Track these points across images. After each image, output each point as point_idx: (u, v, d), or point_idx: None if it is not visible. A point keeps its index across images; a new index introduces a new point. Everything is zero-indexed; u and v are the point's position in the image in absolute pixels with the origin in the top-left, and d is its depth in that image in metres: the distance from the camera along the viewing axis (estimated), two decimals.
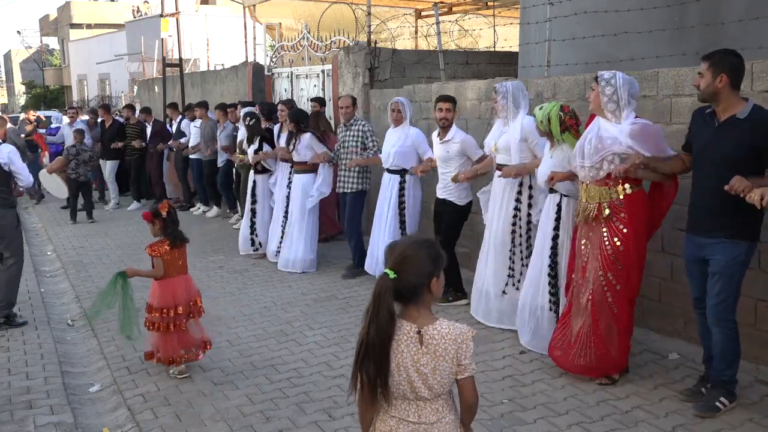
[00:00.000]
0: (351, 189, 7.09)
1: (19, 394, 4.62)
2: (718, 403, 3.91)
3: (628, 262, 4.23)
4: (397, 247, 2.31)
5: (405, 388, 2.27)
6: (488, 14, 12.04)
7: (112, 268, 8.01)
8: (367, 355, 2.25)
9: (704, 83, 3.83)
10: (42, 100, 39.61)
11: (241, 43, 13.79)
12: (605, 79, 4.24)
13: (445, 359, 2.26)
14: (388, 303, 2.22)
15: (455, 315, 5.72)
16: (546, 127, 4.78)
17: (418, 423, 2.30)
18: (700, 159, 3.95)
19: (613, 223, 4.24)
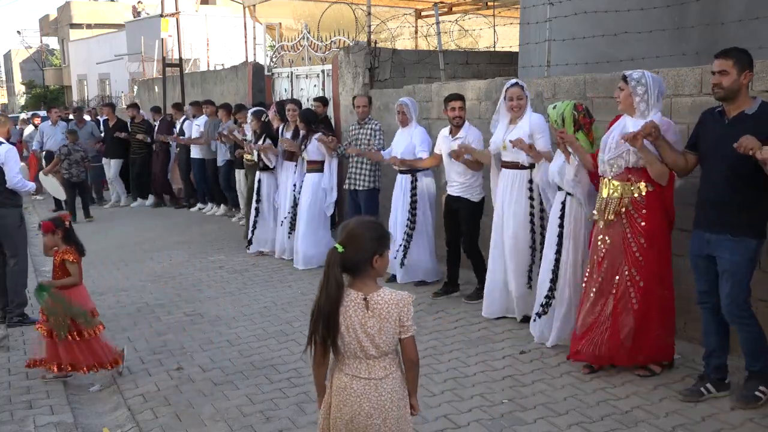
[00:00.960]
0: (363, 186, 7.16)
1: (19, 394, 4.62)
2: (758, 392, 3.93)
3: (650, 258, 4.28)
4: (348, 226, 2.65)
5: (355, 347, 2.60)
6: (488, 14, 12.04)
7: (112, 268, 8.03)
8: (319, 318, 2.59)
9: (729, 80, 3.79)
10: (42, 100, 39.58)
11: (241, 43, 13.79)
12: (635, 78, 4.24)
13: (388, 321, 2.60)
14: (336, 274, 2.56)
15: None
16: (560, 126, 4.78)
17: (368, 378, 2.63)
18: (710, 156, 3.96)
19: (635, 219, 4.28)
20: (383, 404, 2.65)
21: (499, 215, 5.56)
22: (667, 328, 4.44)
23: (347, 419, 2.65)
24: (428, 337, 5.32)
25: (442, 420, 3.98)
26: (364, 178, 7.16)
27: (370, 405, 2.63)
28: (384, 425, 2.65)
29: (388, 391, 2.65)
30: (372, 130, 7.19)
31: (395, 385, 2.68)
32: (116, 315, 6.31)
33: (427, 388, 4.41)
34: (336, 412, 2.68)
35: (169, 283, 7.28)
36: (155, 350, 5.37)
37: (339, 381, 2.66)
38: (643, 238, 4.28)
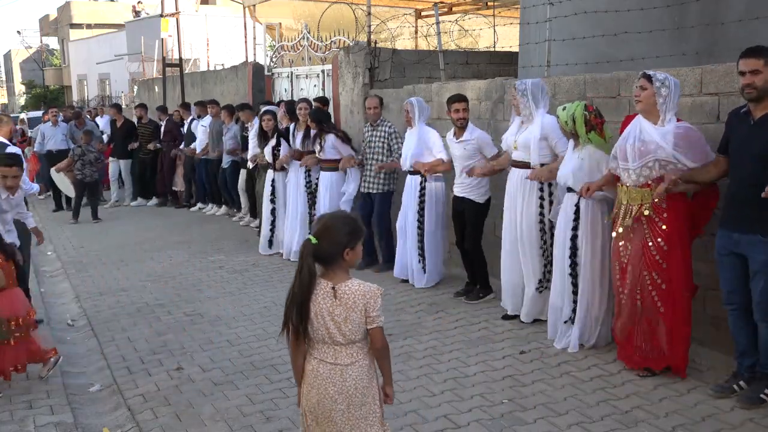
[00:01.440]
0: (378, 190, 7.19)
1: (19, 394, 4.62)
2: (763, 395, 3.92)
3: (671, 261, 4.26)
4: (323, 219, 2.84)
5: (323, 333, 2.75)
6: (488, 14, 12.04)
7: (112, 268, 8.03)
8: (292, 305, 2.75)
9: (762, 79, 3.72)
10: (42, 100, 39.58)
11: (241, 43, 13.79)
12: (660, 79, 4.22)
13: (354, 310, 2.75)
14: (309, 263, 2.72)
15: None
16: (571, 127, 4.77)
17: (334, 364, 2.77)
18: (738, 156, 3.94)
19: (656, 223, 4.26)
20: (347, 390, 2.76)
21: (511, 215, 5.52)
22: (689, 329, 4.40)
23: (314, 402, 2.79)
24: (428, 337, 5.32)
25: (442, 420, 3.98)
26: (379, 182, 7.18)
27: (335, 389, 2.76)
28: (348, 411, 2.77)
29: (353, 377, 2.77)
30: (386, 133, 7.13)
31: (361, 373, 2.79)
32: (116, 315, 6.31)
33: (427, 388, 4.40)
34: (306, 395, 2.83)
35: (169, 283, 7.28)
36: (155, 350, 5.37)
37: (308, 365, 2.82)
38: (663, 241, 4.26)
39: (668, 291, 4.29)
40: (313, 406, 2.79)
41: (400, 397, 4.28)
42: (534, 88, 5.31)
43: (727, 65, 4.55)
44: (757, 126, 3.82)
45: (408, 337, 5.35)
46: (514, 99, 5.42)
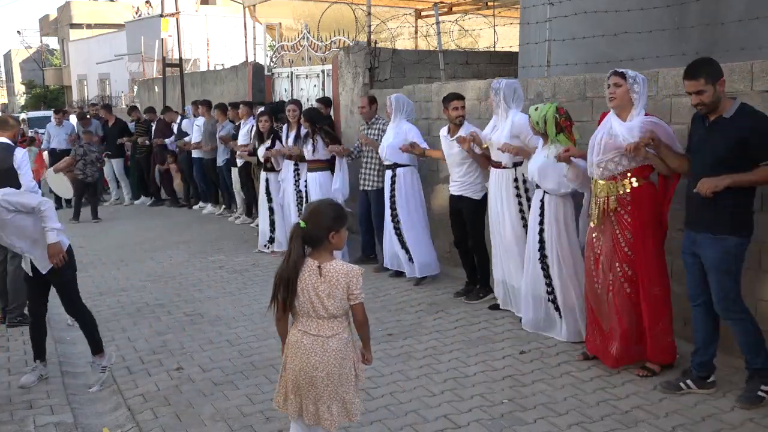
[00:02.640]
0: (372, 186, 7.28)
1: (19, 394, 4.62)
2: (761, 392, 3.97)
3: (639, 253, 4.37)
4: (311, 206, 3.18)
5: (308, 307, 3.04)
6: (488, 14, 12.04)
7: (112, 268, 8.03)
8: (281, 281, 3.07)
9: (709, 96, 3.88)
10: (42, 100, 39.60)
11: (241, 43, 13.79)
12: (632, 76, 4.34)
13: (337, 287, 3.02)
14: (298, 245, 3.04)
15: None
16: (542, 128, 4.94)
17: (317, 335, 3.05)
18: (694, 158, 4.10)
19: (622, 215, 4.39)
20: (328, 360, 3.04)
21: (494, 214, 5.67)
22: (666, 324, 4.48)
23: (297, 370, 3.07)
24: (428, 337, 5.32)
25: (442, 420, 3.98)
26: (373, 179, 7.27)
27: (316, 359, 3.04)
28: (327, 379, 3.05)
29: (333, 349, 3.05)
30: (380, 130, 7.21)
31: (341, 345, 3.07)
32: (116, 315, 6.31)
33: (427, 388, 4.40)
34: (289, 363, 3.12)
35: (169, 283, 7.28)
36: (155, 350, 5.37)
37: (293, 335, 3.11)
38: (630, 234, 4.38)
39: (640, 282, 4.39)
40: (296, 373, 3.08)
41: (400, 397, 4.29)
42: (507, 88, 5.48)
43: (727, 65, 4.55)
44: (710, 129, 3.97)
45: (408, 337, 5.35)
46: (490, 98, 5.61)
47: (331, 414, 3.08)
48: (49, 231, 4.57)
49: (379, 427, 3.93)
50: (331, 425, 3.09)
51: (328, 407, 3.08)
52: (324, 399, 3.08)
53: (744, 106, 3.92)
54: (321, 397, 3.07)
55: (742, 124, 3.83)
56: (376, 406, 4.19)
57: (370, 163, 7.28)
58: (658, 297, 4.43)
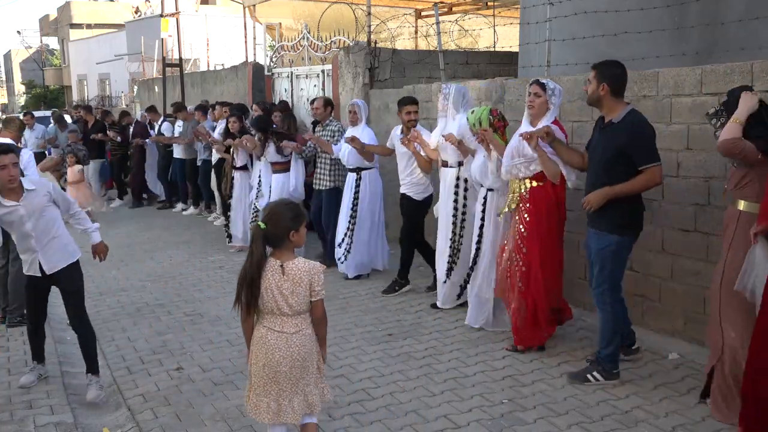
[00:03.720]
0: (325, 186, 7.47)
1: (19, 394, 4.62)
2: (591, 376, 4.37)
3: (531, 248, 4.80)
4: (269, 207, 3.27)
5: (272, 305, 3.14)
6: (488, 14, 12.04)
7: (112, 268, 8.03)
8: (244, 282, 3.15)
9: (591, 90, 4.26)
10: (42, 100, 39.60)
11: (241, 43, 13.79)
12: (551, 88, 4.78)
13: (300, 285, 3.14)
14: (259, 246, 3.14)
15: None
16: (478, 129, 5.26)
17: (281, 332, 3.16)
18: (589, 159, 4.45)
19: (521, 212, 4.86)
20: (291, 354, 3.16)
21: (438, 211, 6.02)
22: (546, 310, 4.87)
23: (261, 365, 3.18)
24: (428, 337, 5.32)
25: (442, 420, 3.98)
26: (326, 178, 7.44)
27: (280, 354, 3.15)
28: (290, 372, 3.17)
29: (296, 344, 3.17)
30: (332, 131, 7.44)
31: (304, 340, 3.19)
32: (116, 315, 6.31)
33: (427, 388, 4.40)
34: (254, 359, 3.22)
35: (169, 283, 7.28)
36: (155, 350, 5.37)
37: (258, 332, 3.21)
38: (524, 228, 4.83)
39: (528, 273, 4.81)
40: (260, 369, 3.18)
41: (400, 397, 4.29)
42: (456, 93, 5.83)
43: (727, 65, 4.56)
44: (601, 133, 4.30)
45: (408, 337, 5.35)
46: (439, 101, 5.93)
47: (293, 408, 3.19)
48: (93, 232, 4.86)
49: (379, 427, 3.93)
50: (294, 419, 3.20)
51: (290, 401, 3.19)
52: (286, 394, 3.19)
53: (632, 112, 4.17)
54: (283, 392, 3.19)
55: (625, 128, 4.11)
56: (376, 406, 4.19)
57: (323, 164, 7.45)
58: (546, 282, 4.82)
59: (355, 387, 4.48)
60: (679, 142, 4.85)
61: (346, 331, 5.54)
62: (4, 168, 4.29)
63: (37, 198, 4.44)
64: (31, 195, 4.42)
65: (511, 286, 4.95)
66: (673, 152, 4.86)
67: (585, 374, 4.38)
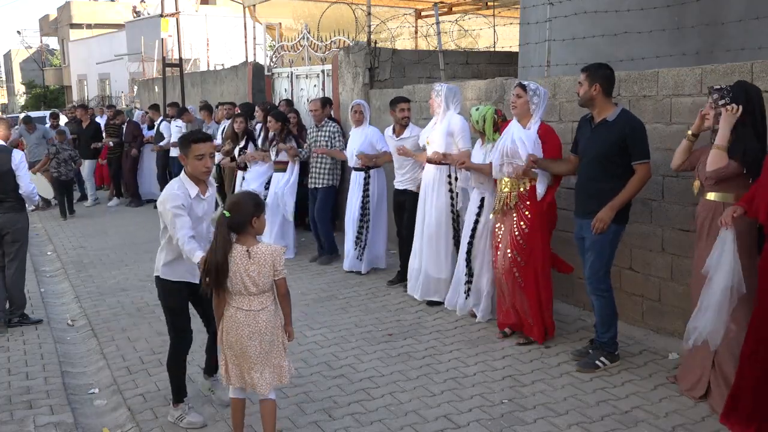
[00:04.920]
0: (322, 184, 7.63)
1: (19, 394, 4.62)
2: (598, 361, 4.56)
3: (531, 243, 4.96)
4: (233, 197, 3.59)
5: (240, 287, 3.47)
6: (488, 14, 12.03)
7: (111, 268, 8.03)
8: (212, 267, 3.43)
9: (582, 91, 4.48)
10: (42, 100, 39.59)
11: (241, 43, 13.78)
12: (532, 89, 4.94)
13: (265, 266, 3.46)
14: (225, 232, 3.44)
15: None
16: (481, 126, 5.44)
17: (249, 310, 3.49)
18: (582, 155, 4.64)
19: (521, 209, 4.98)
20: (259, 330, 3.49)
21: (421, 206, 6.13)
22: (546, 304, 5.05)
23: (232, 341, 3.52)
24: (428, 337, 5.32)
25: (442, 420, 3.98)
26: (324, 177, 7.62)
27: (249, 330, 3.49)
28: (259, 347, 3.50)
29: (263, 320, 3.50)
30: (330, 132, 7.61)
31: (269, 316, 3.52)
32: (116, 315, 6.31)
33: (427, 388, 4.41)
34: (224, 335, 3.55)
35: None
36: (155, 350, 5.37)
37: (227, 312, 3.54)
38: (526, 225, 4.96)
39: (527, 268, 4.97)
40: (231, 344, 3.52)
41: (400, 397, 4.29)
42: (448, 92, 5.95)
43: (727, 65, 4.56)
44: (595, 131, 4.51)
45: (408, 337, 5.35)
46: (431, 99, 6.04)
47: (264, 379, 3.53)
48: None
49: (379, 427, 3.93)
50: (266, 389, 3.54)
51: (261, 373, 3.52)
52: (257, 366, 3.52)
53: (625, 111, 4.46)
54: (254, 365, 3.52)
55: (623, 125, 4.36)
56: (376, 406, 4.19)
57: (321, 162, 7.59)
58: (545, 276, 5.01)
59: (355, 387, 4.48)
60: (679, 142, 4.83)
61: (346, 331, 5.54)
62: (201, 158, 3.93)
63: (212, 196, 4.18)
64: (211, 190, 4.14)
65: (509, 284, 5.05)
66: (673, 152, 4.84)
67: (593, 361, 4.56)
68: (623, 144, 4.34)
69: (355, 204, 7.16)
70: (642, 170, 4.35)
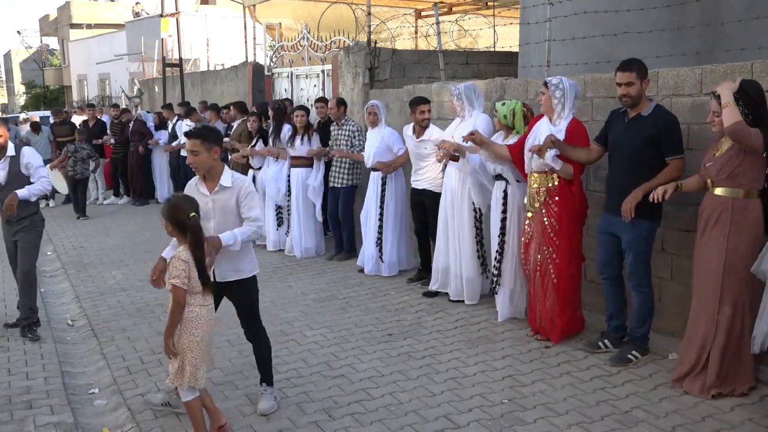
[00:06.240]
0: (343, 184, 7.70)
1: (19, 394, 4.62)
2: (630, 355, 4.63)
3: (562, 238, 4.95)
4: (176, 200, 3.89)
5: (197, 284, 3.71)
6: (488, 14, 12.04)
7: (112, 268, 8.03)
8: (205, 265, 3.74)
9: (636, 90, 4.43)
10: (42, 100, 39.58)
11: (241, 43, 13.78)
12: (554, 84, 4.91)
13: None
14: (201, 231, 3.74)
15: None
16: (509, 121, 5.43)
17: (209, 305, 3.78)
18: (614, 149, 4.65)
19: (550, 205, 4.96)
20: (212, 321, 3.78)
21: (449, 205, 6.07)
22: (577, 300, 5.15)
23: (200, 339, 3.69)
24: (428, 337, 5.32)
25: (442, 420, 3.98)
26: (344, 176, 7.67)
27: (209, 324, 3.74)
28: (211, 339, 3.84)
29: (212, 311, 3.78)
30: (350, 131, 7.61)
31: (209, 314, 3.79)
32: (116, 315, 6.31)
33: (427, 388, 4.41)
34: (189, 336, 3.67)
35: None
36: (155, 350, 5.37)
37: (191, 313, 3.68)
38: (556, 221, 4.95)
39: (560, 265, 4.97)
40: (198, 343, 3.68)
41: (400, 397, 4.29)
42: (467, 91, 5.92)
43: (727, 65, 4.56)
44: (629, 125, 4.52)
45: (408, 337, 5.35)
46: (452, 102, 6.03)
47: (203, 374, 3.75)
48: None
49: (379, 427, 3.93)
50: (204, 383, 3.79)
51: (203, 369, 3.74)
52: (204, 362, 3.74)
53: (659, 107, 4.47)
54: (204, 360, 3.74)
55: (657, 120, 4.38)
56: (376, 406, 4.19)
57: (341, 162, 7.66)
58: (573, 277, 5.04)
59: (355, 387, 4.48)
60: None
61: (346, 331, 5.54)
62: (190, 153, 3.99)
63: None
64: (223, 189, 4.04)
65: (542, 281, 5.06)
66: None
67: (625, 355, 4.64)
68: (657, 139, 4.38)
69: (373, 205, 7.16)
70: (674, 165, 4.38)
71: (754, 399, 4.06)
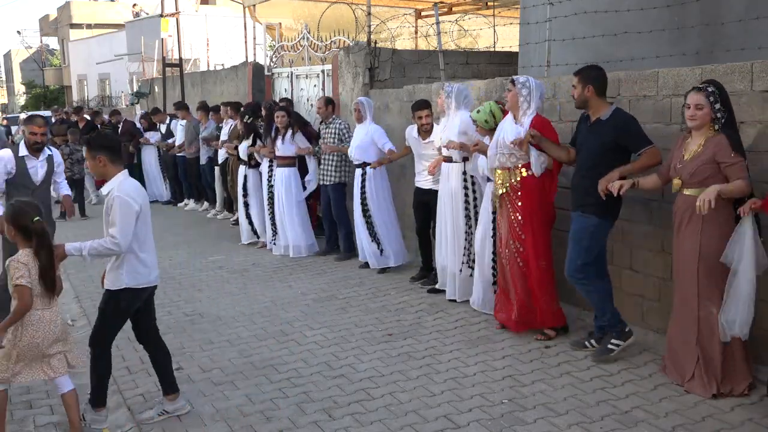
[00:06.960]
0: (331, 181, 7.80)
1: (19, 394, 4.62)
2: (610, 345, 4.66)
3: (527, 230, 5.09)
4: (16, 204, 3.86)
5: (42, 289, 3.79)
6: (488, 14, 12.03)
7: None
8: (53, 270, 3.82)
9: (577, 93, 4.69)
10: (42, 101, 39.59)
11: (241, 43, 13.79)
12: (521, 82, 5.05)
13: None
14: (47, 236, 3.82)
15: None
16: (491, 123, 5.46)
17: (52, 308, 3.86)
18: (578, 152, 4.83)
19: (514, 200, 5.12)
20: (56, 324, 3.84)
21: (441, 204, 6.17)
22: (551, 294, 5.17)
23: (40, 341, 3.77)
24: (428, 337, 5.32)
25: (442, 420, 3.98)
26: (331, 174, 7.77)
27: (55, 325, 3.82)
28: (61, 335, 3.88)
29: (55, 314, 3.85)
30: (337, 129, 7.78)
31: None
32: None
33: (427, 388, 4.41)
34: (29, 338, 3.74)
35: (169, 283, 7.28)
36: None
37: (34, 316, 3.75)
38: (520, 216, 5.09)
39: (528, 256, 5.09)
40: (35, 345, 3.76)
41: (400, 397, 4.29)
42: (458, 92, 6.03)
43: (727, 65, 4.56)
44: (591, 129, 4.70)
45: (408, 337, 5.35)
46: (440, 98, 6.12)
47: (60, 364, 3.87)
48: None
49: (379, 427, 3.93)
50: (64, 370, 3.89)
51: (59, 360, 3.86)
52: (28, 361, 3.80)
53: (617, 110, 4.63)
54: (56, 355, 3.85)
55: (614, 124, 4.55)
56: (376, 406, 4.19)
57: (329, 159, 7.76)
58: (543, 269, 5.11)
59: (355, 387, 4.48)
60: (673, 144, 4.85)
61: (346, 331, 5.54)
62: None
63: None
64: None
65: (511, 275, 5.18)
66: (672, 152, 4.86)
67: (605, 347, 4.67)
68: (618, 141, 4.53)
69: (356, 199, 7.32)
70: (647, 155, 4.46)
71: (754, 399, 4.05)
